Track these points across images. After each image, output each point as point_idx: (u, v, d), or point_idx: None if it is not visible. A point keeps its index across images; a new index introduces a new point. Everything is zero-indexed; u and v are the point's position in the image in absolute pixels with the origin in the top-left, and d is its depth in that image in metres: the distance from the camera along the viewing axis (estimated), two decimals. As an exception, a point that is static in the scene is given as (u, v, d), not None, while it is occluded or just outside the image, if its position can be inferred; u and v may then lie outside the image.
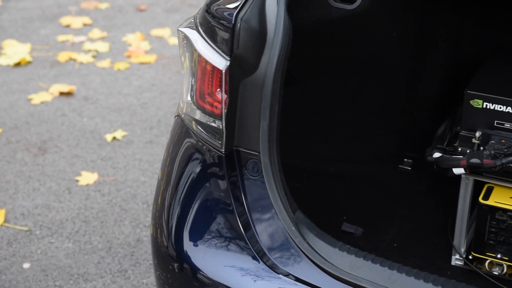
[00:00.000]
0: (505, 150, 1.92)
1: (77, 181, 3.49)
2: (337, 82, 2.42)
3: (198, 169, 2.01)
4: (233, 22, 1.86)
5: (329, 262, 1.82)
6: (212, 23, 1.93)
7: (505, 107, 1.96)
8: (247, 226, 1.90)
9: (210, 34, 1.94)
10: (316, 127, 2.50)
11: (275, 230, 1.88)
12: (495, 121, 1.98)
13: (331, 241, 1.87)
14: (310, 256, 1.82)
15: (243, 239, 1.89)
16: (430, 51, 2.47)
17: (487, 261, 2.06)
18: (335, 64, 2.38)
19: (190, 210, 1.98)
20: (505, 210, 1.99)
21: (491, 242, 2.04)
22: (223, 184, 1.95)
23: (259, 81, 1.89)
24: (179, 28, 2.05)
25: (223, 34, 1.89)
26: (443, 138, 2.17)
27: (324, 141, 2.52)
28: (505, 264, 2.04)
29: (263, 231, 1.89)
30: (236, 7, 1.88)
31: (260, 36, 1.88)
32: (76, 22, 5.02)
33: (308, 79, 2.40)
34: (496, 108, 1.97)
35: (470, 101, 2.00)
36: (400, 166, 2.54)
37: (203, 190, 1.99)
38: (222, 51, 1.89)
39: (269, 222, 1.89)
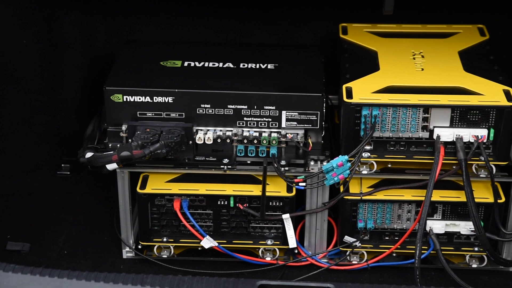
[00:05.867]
0: (151, 138, 2.00)
1: None
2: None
3: None
4: None
5: (-5, 286, 1.73)
6: None
7: (143, 97, 2.03)
8: None
9: None
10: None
11: None
12: (138, 112, 2.04)
13: (-8, 264, 1.79)
14: (-29, 286, 1.72)
15: None
16: (66, 53, 2.46)
17: (155, 247, 2.13)
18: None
19: None
20: (162, 195, 2.07)
21: (156, 228, 2.11)
22: None
23: None
24: None
25: None
26: (93, 137, 2.18)
27: (-26, 161, 2.40)
28: (171, 245, 2.13)
29: None
30: None
31: None
32: None
33: None
34: (136, 100, 2.03)
35: (111, 97, 2.03)
36: (58, 172, 2.51)
37: None
38: None
39: None
